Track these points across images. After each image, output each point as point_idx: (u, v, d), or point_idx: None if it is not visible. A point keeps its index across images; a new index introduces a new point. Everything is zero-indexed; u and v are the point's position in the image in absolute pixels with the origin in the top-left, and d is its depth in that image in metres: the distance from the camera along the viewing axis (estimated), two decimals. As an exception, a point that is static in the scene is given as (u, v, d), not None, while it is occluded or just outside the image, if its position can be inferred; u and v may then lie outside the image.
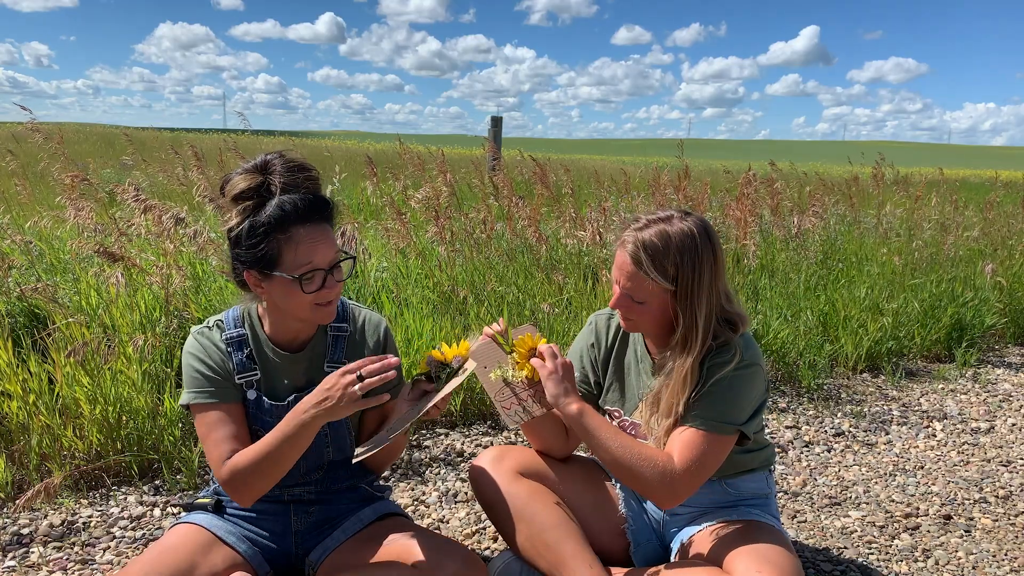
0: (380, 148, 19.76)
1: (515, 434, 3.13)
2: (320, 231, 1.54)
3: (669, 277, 1.63)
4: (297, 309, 1.57)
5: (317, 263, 1.52)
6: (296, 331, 1.70)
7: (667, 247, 1.63)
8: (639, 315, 1.70)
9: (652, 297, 1.66)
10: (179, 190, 6.12)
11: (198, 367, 1.65)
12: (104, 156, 12.08)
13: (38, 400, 2.53)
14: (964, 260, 5.60)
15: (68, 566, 2.06)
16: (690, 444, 1.64)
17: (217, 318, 1.72)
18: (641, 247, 1.64)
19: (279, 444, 1.53)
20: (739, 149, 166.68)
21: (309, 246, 1.51)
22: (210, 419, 1.63)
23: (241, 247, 1.53)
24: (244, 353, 1.68)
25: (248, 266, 1.55)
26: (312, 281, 1.53)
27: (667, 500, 1.64)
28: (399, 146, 7.16)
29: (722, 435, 1.66)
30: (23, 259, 3.56)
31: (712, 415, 1.65)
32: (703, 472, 1.64)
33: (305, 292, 1.53)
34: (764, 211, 5.73)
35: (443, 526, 2.38)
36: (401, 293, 3.79)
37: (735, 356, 1.67)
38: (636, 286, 1.66)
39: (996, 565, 2.24)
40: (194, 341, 1.69)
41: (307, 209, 1.52)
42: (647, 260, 1.63)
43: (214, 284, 3.45)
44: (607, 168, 14.34)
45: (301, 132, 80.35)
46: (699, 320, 1.65)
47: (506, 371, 1.73)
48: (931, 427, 3.44)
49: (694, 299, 1.65)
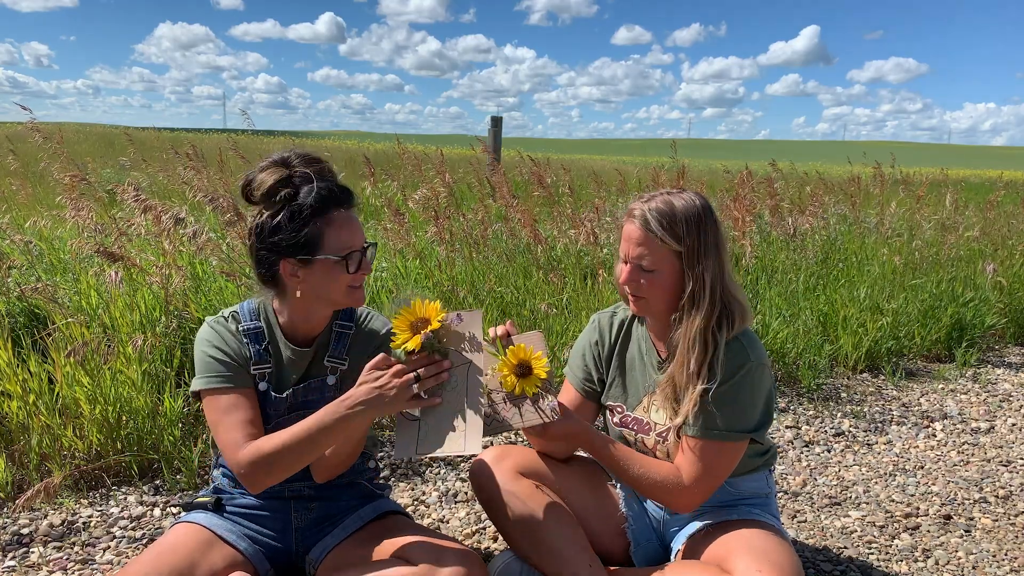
0: (380, 148, 19.75)
1: (515, 434, 3.13)
2: (351, 215, 1.63)
3: (678, 237, 1.67)
4: (335, 292, 1.61)
5: (355, 244, 1.60)
6: (313, 324, 1.71)
7: (673, 212, 1.68)
8: (650, 287, 1.70)
9: (662, 263, 1.68)
10: (179, 190, 6.12)
11: (212, 353, 1.65)
12: (104, 156, 12.08)
13: (38, 400, 2.53)
14: (964, 260, 5.60)
15: (68, 566, 2.06)
16: (700, 456, 1.68)
17: (232, 310, 1.73)
18: (649, 212, 1.69)
19: (313, 434, 1.51)
20: (739, 149, 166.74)
21: (348, 229, 1.60)
22: (224, 403, 1.62)
23: (280, 234, 1.56)
24: (262, 345, 1.69)
25: (287, 253, 1.58)
26: (355, 262, 1.60)
27: (683, 510, 1.76)
28: (398, 146, 7.16)
29: (732, 443, 1.69)
30: (23, 259, 3.56)
31: (721, 424, 1.67)
32: (716, 481, 1.71)
33: (349, 272, 1.59)
34: (763, 211, 5.73)
35: (443, 526, 2.38)
36: (400, 294, 3.79)
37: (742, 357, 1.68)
38: (646, 252, 1.68)
39: (996, 565, 2.24)
40: (209, 329, 1.69)
41: (341, 194, 1.60)
42: (655, 222, 1.67)
43: (214, 284, 3.45)
44: (607, 168, 14.35)
45: (301, 132, 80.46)
46: (706, 280, 1.68)
47: (487, 379, 1.60)
48: (931, 427, 3.44)
49: (701, 260, 1.68)
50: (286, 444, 1.53)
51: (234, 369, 1.65)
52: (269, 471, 1.55)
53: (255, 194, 1.59)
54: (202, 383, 1.64)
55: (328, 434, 1.52)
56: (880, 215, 6.45)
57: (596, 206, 4.92)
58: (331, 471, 1.70)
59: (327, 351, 1.74)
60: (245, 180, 1.61)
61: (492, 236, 4.65)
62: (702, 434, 1.68)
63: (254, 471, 1.55)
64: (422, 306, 1.54)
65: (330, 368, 1.74)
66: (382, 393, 1.47)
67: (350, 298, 1.64)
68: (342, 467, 1.71)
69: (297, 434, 1.53)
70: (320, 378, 1.74)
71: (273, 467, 1.54)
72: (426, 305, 1.56)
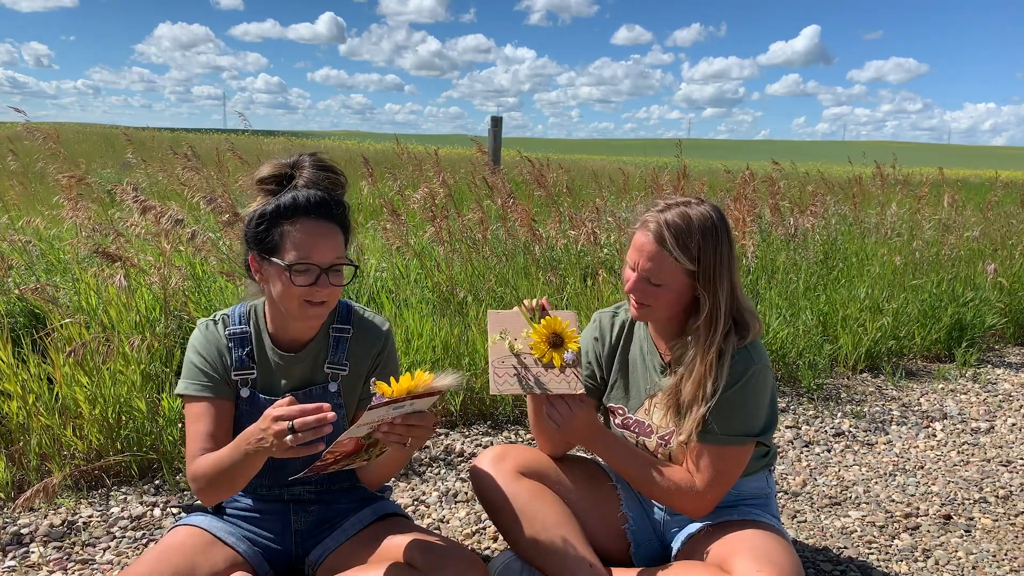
0: (380, 148, 19.75)
1: (515, 434, 3.13)
2: (325, 229, 1.55)
3: (692, 257, 1.63)
4: (287, 301, 1.57)
5: (314, 259, 1.53)
6: (296, 331, 1.69)
7: (690, 228, 1.63)
8: (655, 299, 1.69)
9: (671, 279, 1.66)
10: (179, 190, 6.12)
11: (194, 359, 1.68)
12: (104, 156, 12.08)
13: (38, 400, 2.53)
14: (964, 260, 5.60)
15: (68, 566, 2.06)
16: (710, 462, 1.69)
17: (224, 312, 1.74)
18: (665, 227, 1.63)
19: (232, 463, 1.50)
20: (739, 149, 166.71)
21: (309, 240, 1.53)
22: (194, 412, 1.65)
23: (249, 227, 1.58)
24: (244, 351, 1.69)
25: (251, 247, 1.59)
26: (304, 275, 1.53)
27: (694, 514, 1.76)
28: (397, 146, 7.16)
29: (740, 447, 1.70)
30: (22, 259, 3.56)
31: (728, 429, 1.68)
32: (727, 485, 1.72)
33: (295, 284, 1.53)
34: (764, 211, 5.73)
35: (443, 526, 2.38)
36: (400, 293, 3.79)
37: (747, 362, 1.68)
38: (656, 267, 1.65)
39: (996, 565, 2.23)
40: (198, 333, 1.71)
41: (317, 204, 1.55)
42: (671, 239, 1.62)
43: (214, 284, 3.45)
44: (607, 168, 14.34)
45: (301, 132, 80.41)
46: (721, 300, 1.65)
47: (517, 342, 1.68)
48: (931, 427, 3.43)
49: (717, 279, 1.65)
50: (215, 468, 1.53)
51: (210, 378, 1.66)
52: (210, 488, 1.56)
53: (253, 179, 1.63)
54: (182, 387, 1.67)
55: (243, 465, 1.48)
56: (880, 215, 6.45)
57: (597, 207, 4.92)
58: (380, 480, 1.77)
59: (327, 357, 1.73)
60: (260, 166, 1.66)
61: (491, 236, 4.65)
62: (711, 440, 1.69)
63: (196, 486, 1.58)
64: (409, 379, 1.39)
65: (331, 375, 1.74)
66: (263, 436, 1.40)
67: (304, 312, 1.57)
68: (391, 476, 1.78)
69: (221, 461, 1.52)
70: (322, 385, 1.73)
71: (212, 485, 1.55)
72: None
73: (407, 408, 1.39)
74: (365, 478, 1.78)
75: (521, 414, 3.25)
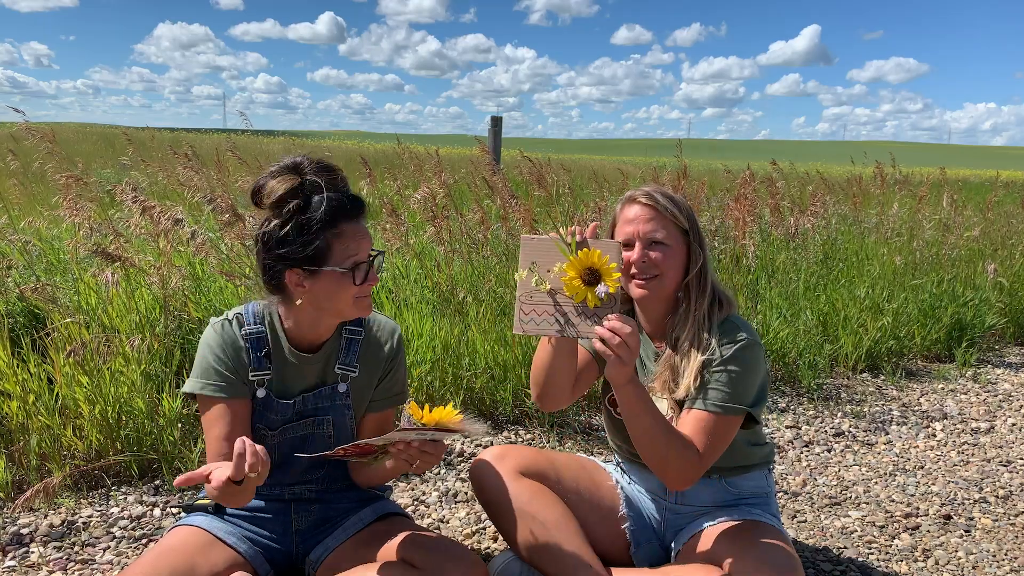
0: (380, 148, 19.76)
1: (515, 434, 3.13)
2: (362, 226, 1.62)
3: (684, 215, 1.75)
4: (341, 303, 1.61)
5: (362, 256, 1.59)
6: (320, 332, 1.70)
7: (671, 195, 1.77)
8: (664, 263, 1.71)
9: (673, 236, 1.73)
10: (179, 190, 6.12)
11: (210, 358, 1.65)
12: (104, 156, 12.08)
13: (37, 400, 2.53)
14: (964, 260, 5.60)
15: (68, 566, 2.06)
16: (702, 427, 1.65)
17: (237, 311, 1.72)
18: (652, 192, 1.75)
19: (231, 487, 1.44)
20: (739, 149, 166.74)
21: (356, 240, 1.59)
22: (212, 415, 1.64)
23: (288, 247, 1.55)
24: (262, 352, 1.68)
25: (293, 264, 1.57)
26: (363, 273, 1.59)
27: (681, 483, 1.66)
28: (398, 146, 7.16)
29: (731, 416, 1.67)
30: (22, 259, 3.56)
31: (721, 397, 1.66)
32: (714, 455, 1.67)
33: (356, 284, 1.58)
34: (764, 211, 5.73)
35: (443, 526, 2.38)
36: (400, 293, 3.79)
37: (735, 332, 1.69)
38: (658, 225, 1.72)
39: (996, 565, 2.23)
40: (213, 332, 1.68)
41: (352, 206, 1.59)
42: (663, 199, 1.73)
43: (214, 284, 3.45)
44: (607, 168, 14.34)
45: (301, 132, 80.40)
46: (707, 263, 1.75)
47: (549, 275, 1.54)
48: (931, 427, 3.43)
49: (701, 242, 1.76)
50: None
51: (228, 380, 1.65)
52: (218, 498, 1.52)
53: (264, 201, 1.56)
54: (198, 386, 1.65)
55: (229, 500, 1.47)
56: (880, 215, 6.45)
57: (599, 207, 4.92)
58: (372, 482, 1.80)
59: (338, 358, 1.73)
60: (255, 185, 1.59)
61: (491, 236, 4.65)
62: (702, 406, 1.67)
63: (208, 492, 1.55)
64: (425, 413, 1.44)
65: (341, 376, 1.74)
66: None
67: (356, 308, 1.63)
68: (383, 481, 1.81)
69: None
70: (332, 385, 1.74)
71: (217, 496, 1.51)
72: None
73: (428, 436, 1.45)
74: (358, 476, 1.79)
75: (521, 414, 3.25)
